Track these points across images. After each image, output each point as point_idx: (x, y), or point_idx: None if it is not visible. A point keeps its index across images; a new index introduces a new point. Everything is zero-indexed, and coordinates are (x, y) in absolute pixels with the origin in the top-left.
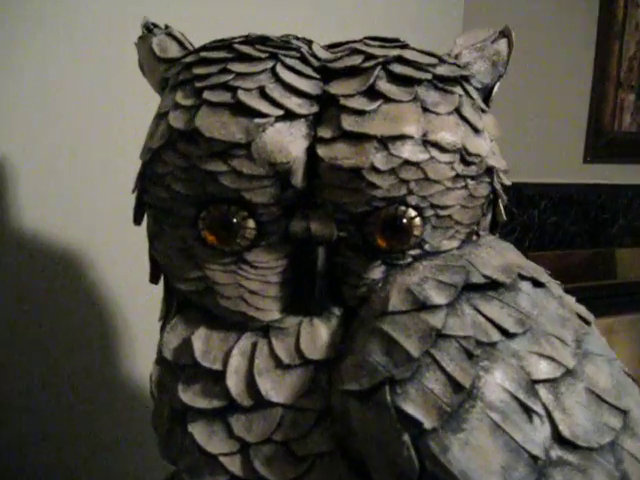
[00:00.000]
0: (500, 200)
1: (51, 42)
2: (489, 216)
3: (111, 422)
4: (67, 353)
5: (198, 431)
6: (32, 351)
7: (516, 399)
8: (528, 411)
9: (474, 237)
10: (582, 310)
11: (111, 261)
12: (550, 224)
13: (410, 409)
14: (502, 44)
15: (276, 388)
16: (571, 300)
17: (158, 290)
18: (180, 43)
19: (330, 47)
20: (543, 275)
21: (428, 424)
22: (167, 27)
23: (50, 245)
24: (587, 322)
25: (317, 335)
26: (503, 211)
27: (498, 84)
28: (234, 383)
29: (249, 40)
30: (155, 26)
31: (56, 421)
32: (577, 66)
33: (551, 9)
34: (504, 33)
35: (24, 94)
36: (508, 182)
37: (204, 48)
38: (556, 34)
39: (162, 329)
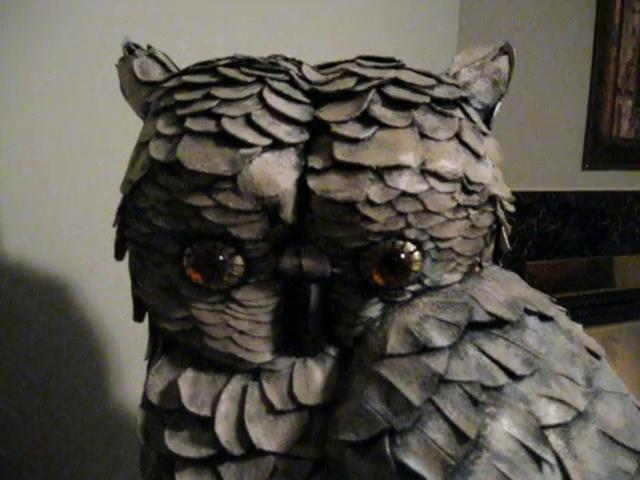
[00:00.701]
0: (504, 229)
1: (32, 64)
2: (492, 246)
3: (99, 456)
4: (55, 383)
5: None
6: (16, 381)
7: (525, 447)
8: (538, 460)
9: (477, 269)
10: (592, 342)
11: (101, 290)
12: (549, 232)
13: (411, 462)
14: (503, 61)
15: (268, 435)
16: (580, 332)
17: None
18: (163, 65)
19: (321, 68)
20: (550, 307)
21: (431, 479)
22: (149, 48)
23: (37, 273)
24: (597, 356)
25: (311, 378)
26: (507, 240)
27: (499, 104)
28: (223, 430)
29: (234, 62)
30: (137, 47)
31: (40, 453)
32: (574, 73)
33: (547, 16)
34: (505, 50)
35: None
36: (512, 209)
37: (187, 71)
38: (553, 41)
39: (148, 370)
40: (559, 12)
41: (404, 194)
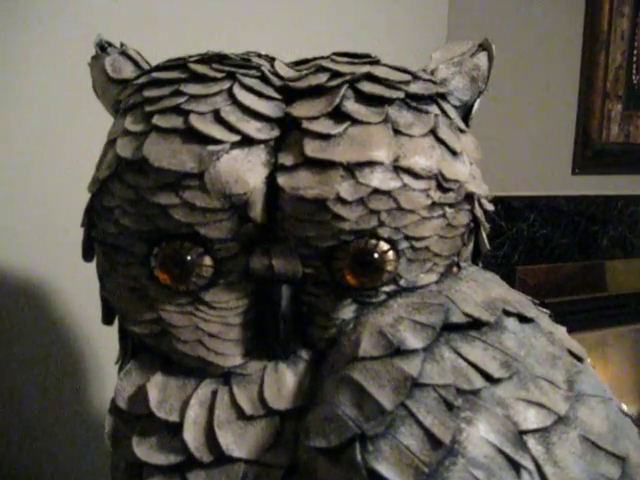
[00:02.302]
0: (482, 228)
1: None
2: (470, 246)
3: (76, 460)
4: (33, 388)
5: None
6: None
7: (502, 453)
8: (516, 466)
9: (454, 269)
10: (574, 345)
11: (80, 292)
12: (539, 237)
13: (383, 469)
14: (482, 58)
15: (238, 442)
16: (563, 334)
17: None
18: (135, 63)
19: (296, 64)
20: (531, 309)
21: None
22: (122, 45)
23: (9, 275)
24: (579, 359)
25: (282, 382)
26: (486, 240)
27: (478, 101)
28: (192, 436)
29: (205, 59)
30: (110, 45)
31: (16, 457)
32: (564, 77)
33: (536, 21)
34: (484, 46)
35: None
36: (491, 207)
37: (157, 68)
38: (542, 46)
39: (119, 373)
40: (548, 17)
41: (376, 191)
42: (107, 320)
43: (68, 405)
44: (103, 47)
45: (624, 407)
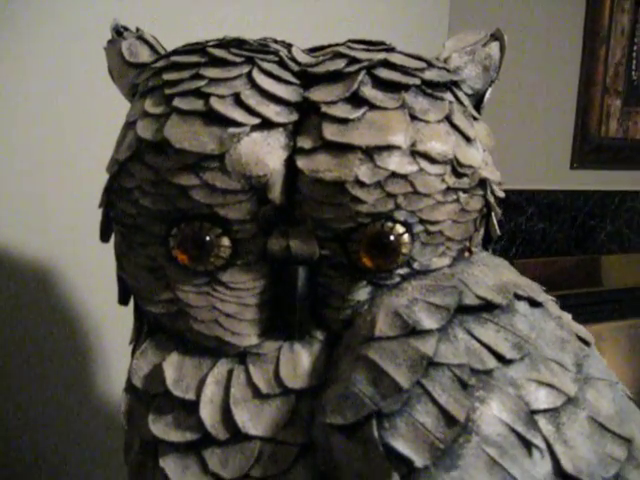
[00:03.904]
0: (494, 214)
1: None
2: (482, 231)
3: (84, 446)
4: (38, 374)
5: (170, 466)
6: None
7: (514, 432)
8: (527, 445)
9: (466, 254)
10: (581, 330)
11: (84, 276)
12: (537, 231)
13: (399, 446)
14: (494, 47)
15: (254, 420)
16: (569, 320)
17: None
18: (151, 47)
19: (311, 51)
20: (540, 294)
21: (419, 462)
22: (138, 30)
23: (18, 260)
24: (587, 343)
25: (298, 362)
26: (497, 225)
27: (490, 90)
28: (208, 414)
29: (224, 43)
30: (125, 29)
31: (21, 439)
32: (563, 72)
33: (537, 15)
34: (495, 36)
35: None
36: (502, 194)
37: (175, 52)
38: (542, 40)
39: (133, 354)
40: (549, 12)
41: (394, 175)
42: (123, 300)
43: (72, 391)
44: (119, 31)
45: (628, 392)
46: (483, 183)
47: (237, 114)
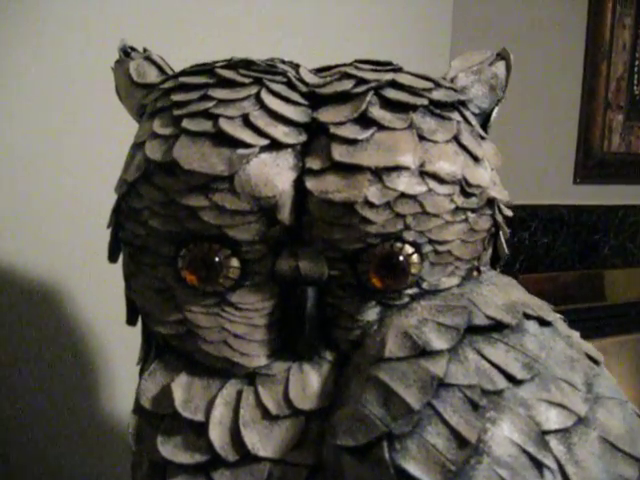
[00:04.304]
0: (502, 233)
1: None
2: (490, 250)
3: (89, 463)
4: (42, 391)
5: None
6: (4, 389)
7: (526, 453)
8: (539, 466)
9: (475, 273)
10: (591, 349)
11: (92, 296)
12: (540, 245)
13: (411, 468)
14: (500, 67)
15: (263, 441)
16: (579, 338)
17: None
18: (159, 68)
19: (319, 71)
20: (550, 313)
21: None
22: (145, 50)
23: (27, 276)
24: (596, 362)
25: (307, 383)
26: (505, 245)
27: (497, 109)
28: (218, 436)
29: (232, 64)
30: (133, 49)
31: (28, 461)
32: (566, 87)
33: (538, 31)
34: (502, 55)
35: None
36: (510, 213)
37: (184, 73)
38: (544, 56)
39: (140, 374)
40: (550, 27)
41: (403, 195)
42: (131, 321)
43: (77, 408)
44: (127, 52)
45: (638, 410)
46: (491, 203)
47: (246, 135)
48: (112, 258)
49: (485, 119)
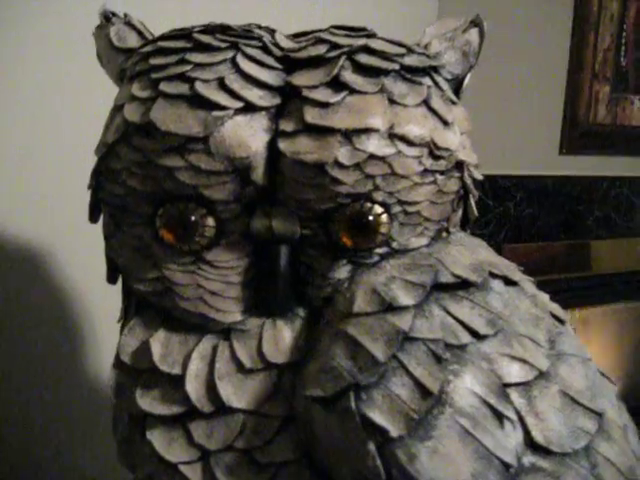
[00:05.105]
0: (471, 196)
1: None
2: (460, 212)
3: (75, 423)
4: (30, 354)
5: (157, 438)
6: None
7: (487, 404)
8: (499, 416)
9: (444, 234)
10: (556, 308)
11: (75, 258)
12: (526, 216)
13: (375, 416)
14: (473, 34)
15: (237, 393)
16: (545, 298)
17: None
18: (139, 33)
19: (295, 36)
20: (516, 273)
21: (394, 432)
22: (126, 16)
23: (11, 243)
24: (561, 321)
25: (280, 338)
26: (474, 207)
27: (469, 75)
28: (194, 388)
29: (209, 29)
30: (114, 15)
31: (16, 424)
32: (552, 57)
33: (525, 1)
34: (475, 22)
35: None
36: (479, 176)
37: (162, 37)
38: (531, 26)
39: (121, 331)
40: None
41: (372, 157)
42: (111, 279)
43: (64, 369)
44: (107, 17)
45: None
46: (460, 165)
47: (221, 98)
48: (92, 218)
49: (458, 85)
